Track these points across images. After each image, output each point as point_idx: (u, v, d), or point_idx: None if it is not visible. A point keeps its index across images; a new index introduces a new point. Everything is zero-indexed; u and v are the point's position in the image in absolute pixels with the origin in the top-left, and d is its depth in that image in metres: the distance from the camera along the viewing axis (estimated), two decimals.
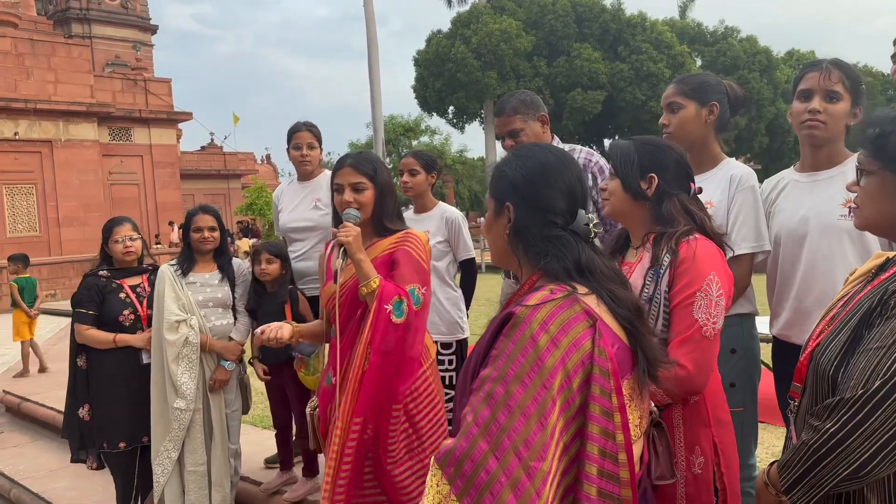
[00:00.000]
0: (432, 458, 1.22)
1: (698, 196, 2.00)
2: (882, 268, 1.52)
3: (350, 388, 2.41)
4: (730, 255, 1.97)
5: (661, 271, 1.81)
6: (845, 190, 1.82)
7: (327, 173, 3.96)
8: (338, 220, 2.62)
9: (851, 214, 2.07)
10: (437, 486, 1.18)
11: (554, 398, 1.21)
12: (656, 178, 1.90)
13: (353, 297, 2.51)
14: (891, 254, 1.54)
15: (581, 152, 3.22)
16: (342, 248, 2.41)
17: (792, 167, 2.53)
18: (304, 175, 3.96)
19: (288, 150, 3.93)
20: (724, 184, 2.39)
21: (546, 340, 1.23)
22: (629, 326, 1.37)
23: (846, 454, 1.29)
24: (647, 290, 1.84)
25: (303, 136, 3.86)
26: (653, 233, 1.91)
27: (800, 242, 2.35)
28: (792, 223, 2.38)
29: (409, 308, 2.43)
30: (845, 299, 1.54)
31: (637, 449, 1.42)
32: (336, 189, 2.59)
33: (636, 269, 1.90)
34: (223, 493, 3.56)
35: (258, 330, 2.72)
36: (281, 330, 2.68)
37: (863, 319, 1.38)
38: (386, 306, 2.39)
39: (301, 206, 3.92)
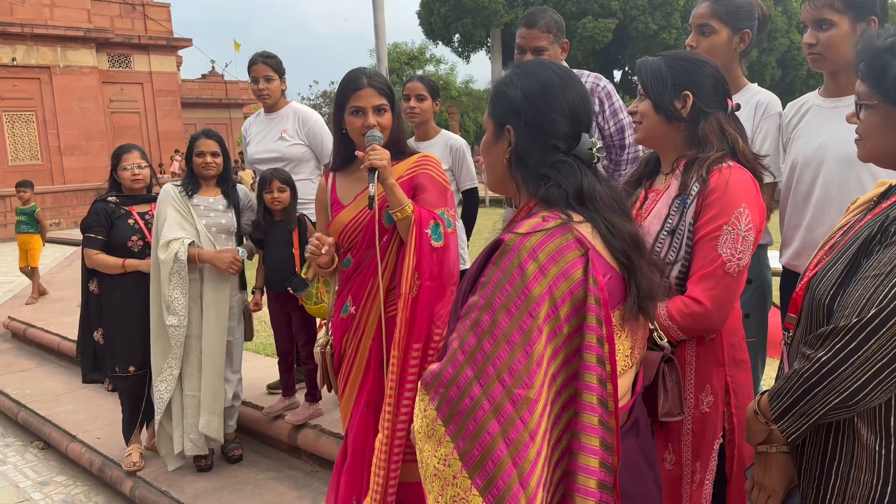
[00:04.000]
0: (419, 382, 1.21)
1: (735, 114, 1.87)
2: (884, 195, 1.47)
3: (403, 317, 2.37)
4: (768, 180, 1.86)
5: (689, 201, 1.72)
6: None
7: (296, 105, 3.95)
8: (348, 144, 2.55)
9: None
10: (425, 410, 1.19)
11: (540, 327, 1.20)
12: (691, 96, 1.78)
13: (371, 224, 2.46)
14: (893, 181, 1.49)
15: (588, 77, 3.14)
16: (376, 173, 2.31)
17: (817, 90, 2.41)
18: (268, 107, 3.92)
19: (250, 83, 3.89)
20: (748, 110, 2.29)
21: (534, 269, 1.21)
22: (623, 259, 1.34)
23: (837, 382, 1.27)
24: (670, 221, 1.74)
25: (258, 70, 3.79)
26: (684, 157, 1.79)
27: (816, 170, 2.26)
28: (809, 150, 2.29)
29: (445, 231, 2.41)
30: (845, 228, 1.50)
31: (628, 380, 1.41)
32: (354, 111, 2.46)
33: (662, 198, 1.81)
34: (209, 418, 3.59)
35: (313, 242, 2.55)
36: (326, 252, 2.55)
37: (862, 247, 1.34)
38: (426, 230, 2.36)
39: (267, 137, 3.89)
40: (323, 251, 2.53)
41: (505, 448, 1.14)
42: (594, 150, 1.39)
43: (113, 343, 3.66)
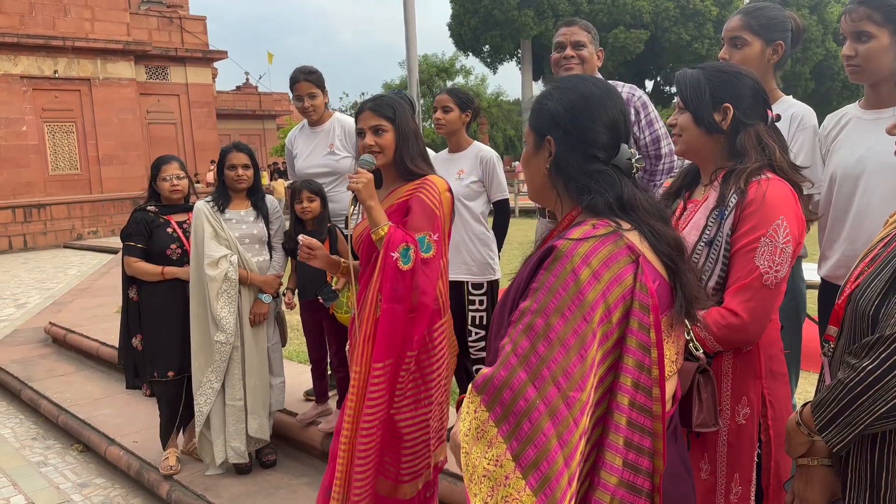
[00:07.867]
0: (469, 385, 1.22)
1: (776, 125, 1.86)
2: None
3: (365, 333, 2.44)
4: (806, 189, 1.85)
5: (726, 213, 1.72)
6: None
7: (339, 116, 3.99)
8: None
9: None
10: (475, 412, 1.20)
11: (594, 331, 1.22)
12: (732, 108, 1.78)
13: (368, 241, 2.54)
14: None
15: (623, 87, 3.15)
16: (354, 195, 2.47)
17: (857, 102, 2.40)
18: (313, 122, 3.97)
19: (292, 100, 3.93)
20: (783, 122, 2.28)
21: (587, 274, 1.23)
22: (670, 263, 1.36)
23: (884, 392, 1.27)
24: (708, 232, 1.75)
25: (302, 87, 3.84)
26: (723, 169, 1.79)
27: (855, 182, 2.25)
28: (849, 162, 2.27)
29: (417, 255, 2.42)
30: (886, 240, 1.50)
31: (671, 386, 1.42)
32: (358, 133, 2.62)
33: (700, 209, 1.81)
34: (260, 420, 3.68)
35: (302, 238, 2.76)
36: (316, 254, 2.74)
37: None
38: (392, 254, 2.40)
39: (315, 152, 3.94)
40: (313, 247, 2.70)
41: (559, 449, 1.16)
42: (633, 160, 1.40)
43: (152, 349, 3.74)
